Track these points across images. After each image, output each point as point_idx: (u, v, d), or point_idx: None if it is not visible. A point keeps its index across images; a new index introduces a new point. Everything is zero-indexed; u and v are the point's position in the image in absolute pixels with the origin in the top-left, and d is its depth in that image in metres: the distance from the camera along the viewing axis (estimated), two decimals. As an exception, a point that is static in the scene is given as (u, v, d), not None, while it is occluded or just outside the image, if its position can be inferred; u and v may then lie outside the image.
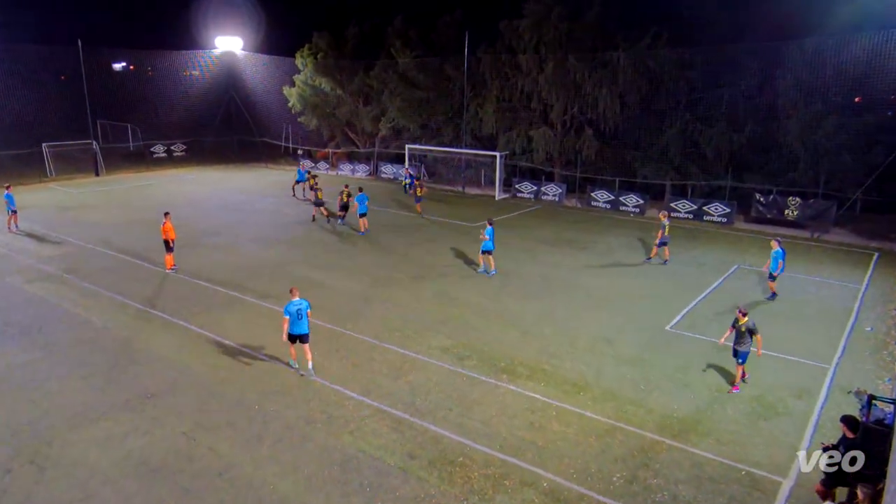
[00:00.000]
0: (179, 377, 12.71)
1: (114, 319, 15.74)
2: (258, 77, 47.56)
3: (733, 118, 29.15)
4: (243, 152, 48.76)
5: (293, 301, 12.58)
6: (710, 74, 29.49)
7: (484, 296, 17.86)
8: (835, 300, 17.98)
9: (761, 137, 28.56)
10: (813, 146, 26.79)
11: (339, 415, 11.34)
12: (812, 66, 26.75)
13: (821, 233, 25.90)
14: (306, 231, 25.55)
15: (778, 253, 17.33)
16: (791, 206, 26.66)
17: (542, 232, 25.93)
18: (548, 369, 13.26)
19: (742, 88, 28.83)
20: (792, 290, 18.72)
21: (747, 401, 12.02)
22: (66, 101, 43.13)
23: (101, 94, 41.97)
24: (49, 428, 10.80)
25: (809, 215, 26.26)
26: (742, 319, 12.23)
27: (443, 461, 10.00)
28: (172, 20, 53.24)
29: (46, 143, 38.40)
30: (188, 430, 10.80)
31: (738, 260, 21.90)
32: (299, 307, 12.54)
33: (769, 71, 28.16)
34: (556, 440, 10.63)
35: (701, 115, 30.10)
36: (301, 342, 12.75)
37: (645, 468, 9.89)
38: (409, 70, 38.47)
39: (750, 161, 29.11)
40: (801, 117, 27.04)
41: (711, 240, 25.07)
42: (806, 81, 27.02)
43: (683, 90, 30.32)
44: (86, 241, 23.18)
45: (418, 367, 13.28)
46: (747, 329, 12.20)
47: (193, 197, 32.84)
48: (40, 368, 13.04)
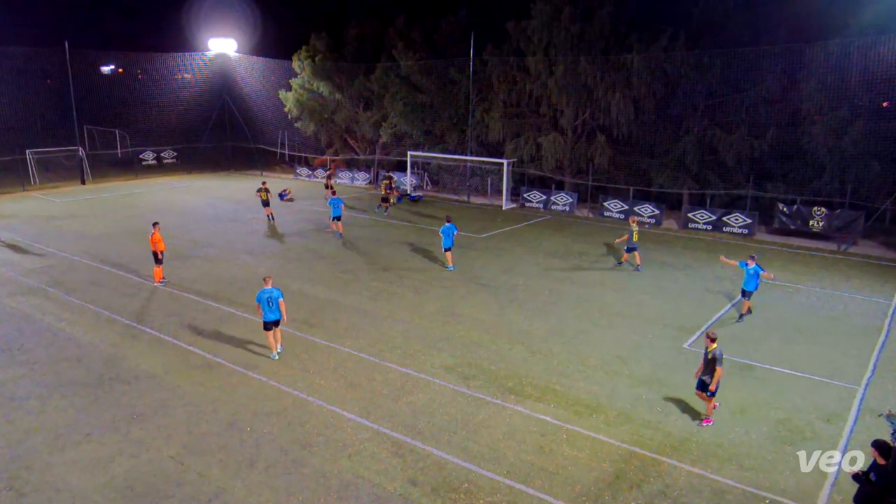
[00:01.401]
0: (168, 397, 12.71)
1: (99, 335, 15.77)
2: (253, 80, 47.86)
3: (754, 124, 29.21)
4: (237, 159, 49.05)
5: (265, 289, 14.23)
6: (730, 78, 29.57)
7: (489, 311, 17.85)
8: (863, 317, 17.89)
9: (784, 144, 28.58)
10: (839, 153, 26.78)
11: (336, 438, 11.30)
12: (837, 69, 26.79)
13: (848, 245, 25.84)
14: (303, 242, 25.62)
15: (756, 268, 17.04)
16: (816, 216, 26.62)
17: (551, 244, 25.93)
18: (558, 389, 13.21)
19: (763, 92, 28.87)
20: (819, 306, 18.67)
21: (772, 424, 11.94)
22: (51, 106, 43.54)
23: (87, 99, 42.36)
24: (29, 450, 10.79)
25: (836, 226, 26.21)
26: (710, 346, 11.58)
27: (446, 488, 9.94)
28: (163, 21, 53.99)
29: (30, 150, 38.73)
30: (177, 453, 10.78)
31: (761, 274, 21.82)
32: (270, 295, 14.16)
33: (792, 74, 28.22)
34: (567, 465, 10.56)
35: (720, 121, 30.18)
36: (274, 327, 14.50)
37: (662, 496, 9.82)
38: (411, 73, 38.63)
39: (772, 169, 29.13)
40: (826, 122, 27.05)
41: (731, 253, 24.93)
42: (831, 85, 27.05)
43: (701, 94, 30.38)
44: (71, 252, 23.28)
45: (421, 387, 13.24)
46: (712, 357, 11.50)
47: (185, 206, 32.99)
48: (21, 386, 13.05)
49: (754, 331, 16.60)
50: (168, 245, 23.66)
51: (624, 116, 31.47)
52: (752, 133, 28.99)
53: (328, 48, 42.38)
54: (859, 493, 8.65)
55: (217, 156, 48.47)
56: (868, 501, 8.52)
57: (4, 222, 28.40)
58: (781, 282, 20.95)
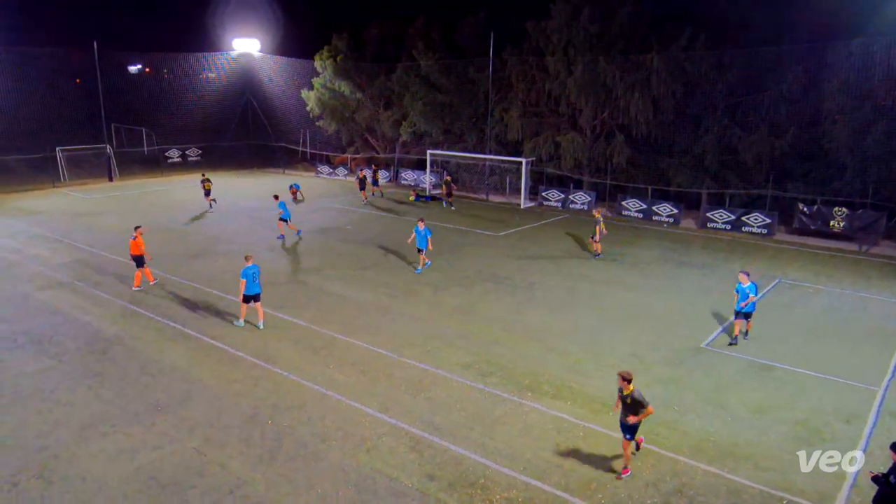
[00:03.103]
0: (191, 390, 12.86)
1: (125, 329, 16.00)
2: (276, 80, 48.19)
3: (775, 123, 28.77)
4: (260, 157, 49.38)
5: (248, 266, 15.67)
6: (750, 77, 29.21)
7: (507, 309, 17.81)
8: (885, 318, 17.56)
9: (805, 144, 28.16)
10: (861, 153, 26.32)
11: (354, 432, 11.36)
12: (860, 69, 26.33)
13: (869, 245, 25.40)
14: (323, 240, 25.76)
15: (750, 287, 14.88)
16: (837, 216, 26.19)
17: (568, 242, 25.80)
18: (574, 387, 13.14)
19: (784, 92, 28.44)
20: (839, 307, 18.38)
21: (791, 425, 11.77)
22: (80, 105, 44.19)
23: (115, 98, 43.01)
24: (57, 440, 10.98)
25: (857, 227, 25.77)
26: (626, 388, 9.86)
27: (463, 483, 9.94)
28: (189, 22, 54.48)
29: (60, 148, 39.36)
30: (199, 445, 10.90)
31: (780, 274, 21.55)
32: (253, 271, 15.66)
33: (813, 74, 27.77)
34: (582, 463, 10.50)
35: (740, 120, 29.80)
36: (254, 301, 15.87)
37: (678, 494, 9.73)
38: (431, 73, 38.58)
39: (792, 169, 28.71)
40: (847, 122, 26.59)
41: (750, 252, 24.71)
42: (853, 84, 26.58)
43: (721, 94, 30.02)
44: (98, 247, 23.64)
45: (438, 384, 13.25)
46: (633, 400, 9.85)
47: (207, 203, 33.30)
48: (50, 378, 13.28)
49: (774, 331, 16.37)
50: (191, 241, 24.01)
51: (643, 116, 31.20)
52: (773, 133, 28.54)
53: (349, 48, 42.53)
54: (879, 495, 8.51)
55: (240, 154, 48.86)
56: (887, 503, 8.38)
57: (35, 218, 28.91)
58: (802, 282, 20.67)
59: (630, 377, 9.90)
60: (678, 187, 31.11)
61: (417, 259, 21.49)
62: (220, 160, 47.19)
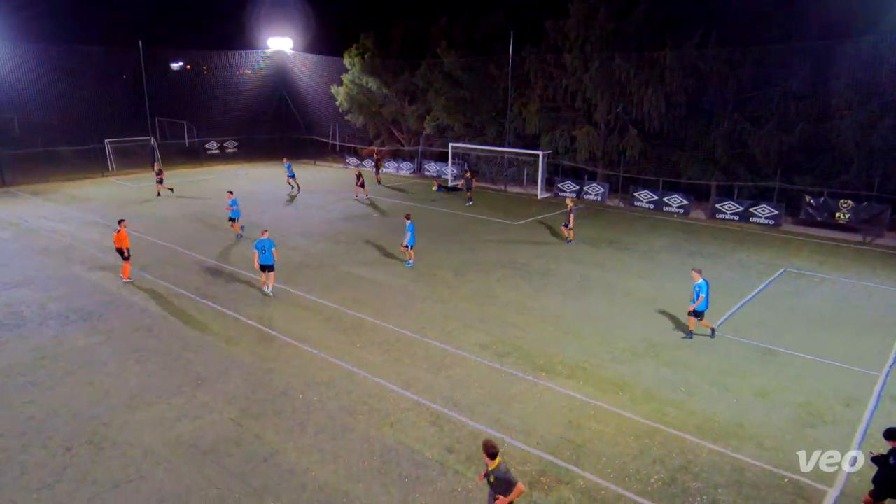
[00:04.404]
0: (229, 365, 13.07)
1: (169, 308, 16.28)
2: (307, 76, 48.38)
3: (784, 118, 28.15)
4: (292, 149, 49.59)
5: (260, 239, 16.89)
6: (761, 74, 28.58)
7: (523, 294, 17.77)
8: (887, 306, 17.22)
9: (813, 138, 27.53)
10: (868, 148, 25.70)
11: (379, 407, 11.47)
12: (868, 66, 25.63)
13: (874, 236, 24.85)
14: (350, 227, 25.88)
15: (701, 285, 14.07)
16: (843, 208, 25.65)
17: (583, 231, 25.60)
18: (587, 368, 13.11)
19: (793, 88, 27.80)
20: (843, 296, 18.05)
21: (793, 407, 11.64)
22: (126, 100, 44.80)
23: (159, 93, 43.45)
24: (107, 409, 11.25)
25: (862, 218, 25.23)
26: (491, 464, 7.52)
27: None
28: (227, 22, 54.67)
29: (108, 140, 39.94)
30: (236, 416, 11.10)
31: (785, 263, 21.20)
32: (264, 244, 16.73)
33: (822, 70, 27.09)
34: (593, 439, 10.51)
35: (750, 115, 29.21)
36: (268, 271, 16.99)
37: (684, 471, 9.69)
38: (453, 70, 38.46)
39: (800, 162, 28.11)
40: (855, 118, 25.96)
41: (758, 242, 24.32)
42: (862, 81, 25.90)
43: (732, 90, 29.43)
44: (143, 232, 24.01)
45: (458, 363, 13.31)
46: (496, 479, 7.47)
47: (244, 191, 33.58)
48: (100, 352, 13.58)
49: (778, 317, 16.16)
50: (227, 228, 24.23)
51: (656, 111, 30.79)
52: (781, 128, 27.97)
53: (376, 46, 42.54)
54: (878, 475, 8.42)
55: (274, 145, 49.13)
56: (886, 483, 8.29)
57: (86, 205, 29.45)
58: (807, 271, 20.33)
59: (495, 451, 7.48)
60: (689, 179, 30.66)
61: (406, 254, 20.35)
62: (256, 152, 47.56)
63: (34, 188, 33.77)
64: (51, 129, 39.62)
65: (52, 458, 9.77)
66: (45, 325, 15.03)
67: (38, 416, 11.00)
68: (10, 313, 15.67)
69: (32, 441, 10.23)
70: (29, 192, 32.54)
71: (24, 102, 39.11)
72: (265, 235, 17.13)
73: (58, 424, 10.74)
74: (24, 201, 30.33)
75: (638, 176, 32.12)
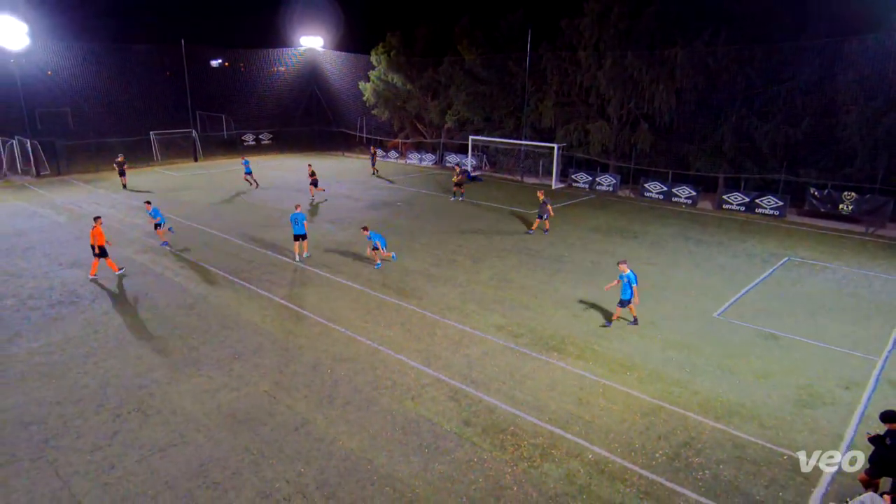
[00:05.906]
0: (263, 341, 13.24)
1: (208, 288, 16.51)
2: (337, 72, 48.42)
3: (790, 113, 27.47)
4: (322, 141, 49.83)
5: (294, 213, 18.39)
6: (768, 70, 27.87)
7: (537, 279, 17.69)
8: (887, 294, 16.82)
9: (818, 133, 26.85)
10: (872, 142, 24.99)
11: (402, 382, 11.55)
12: (874, 62, 24.85)
13: (876, 228, 24.25)
14: (376, 215, 25.93)
15: (629, 276, 13.74)
16: (846, 200, 25.06)
17: (594, 221, 25.39)
18: (596, 349, 13.05)
19: (800, 84, 27.08)
20: (844, 283, 17.67)
21: (794, 389, 11.47)
22: (170, 94, 45.32)
23: (200, 88, 43.90)
24: (153, 380, 11.49)
25: (865, 210, 24.64)
26: None
27: (495, 429, 10.04)
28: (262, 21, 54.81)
29: (153, 132, 40.45)
30: (270, 388, 11.26)
31: (789, 252, 20.80)
32: (297, 217, 18.30)
33: (829, 66, 26.33)
34: (601, 416, 10.48)
35: (757, 110, 28.55)
36: (301, 240, 18.70)
37: (687, 447, 9.63)
38: (474, 67, 38.25)
39: (805, 156, 27.44)
40: (860, 113, 25.23)
41: (763, 232, 23.88)
42: (868, 77, 25.13)
43: (740, 85, 28.75)
44: (185, 218, 24.34)
45: (475, 342, 13.33)
46: None
47: (277, 180, 33.88)
48: (146, 328, 13.85)
49: (781, 304, 15.88)
50: (260, 214, 24.45)
51: (666, 106, 30.29)
52: (788, 122, 27.30)
53: (402, 44, 42.40)
54: (874, 455, 8.28)
55: (306, 138, 49.40)
56: (882, 463, 8.15)
57: (135, 193, 29.91)
58: (810, 260, 19.94)
59: None
60: (697, 171, 30.14)
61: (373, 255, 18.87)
62: (289, 143, 47.86)
63: (86, 177, 34.39)
64: (101, 122, 40.30)
65: (103, 424, 10.03)
66: (97, 301, 15.36)
67: (92, 385, 11.28)
68: (66, 291, 16.03)
69: (87, 408, 10.50)
70: (82, 181, 33.15)
71: (78, 97, 39.86)
72: (298, 209, 18.62)
73: (109, 393, 11.00)
74: (78, 189, 30.91)
75: (648, 168, 31.67)
